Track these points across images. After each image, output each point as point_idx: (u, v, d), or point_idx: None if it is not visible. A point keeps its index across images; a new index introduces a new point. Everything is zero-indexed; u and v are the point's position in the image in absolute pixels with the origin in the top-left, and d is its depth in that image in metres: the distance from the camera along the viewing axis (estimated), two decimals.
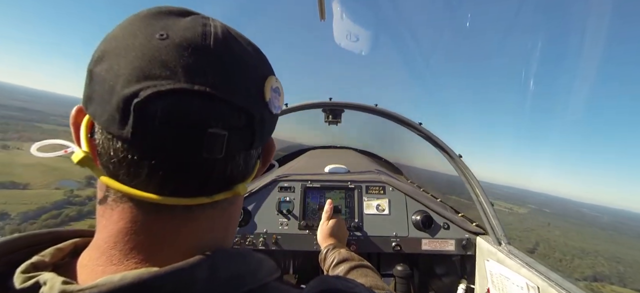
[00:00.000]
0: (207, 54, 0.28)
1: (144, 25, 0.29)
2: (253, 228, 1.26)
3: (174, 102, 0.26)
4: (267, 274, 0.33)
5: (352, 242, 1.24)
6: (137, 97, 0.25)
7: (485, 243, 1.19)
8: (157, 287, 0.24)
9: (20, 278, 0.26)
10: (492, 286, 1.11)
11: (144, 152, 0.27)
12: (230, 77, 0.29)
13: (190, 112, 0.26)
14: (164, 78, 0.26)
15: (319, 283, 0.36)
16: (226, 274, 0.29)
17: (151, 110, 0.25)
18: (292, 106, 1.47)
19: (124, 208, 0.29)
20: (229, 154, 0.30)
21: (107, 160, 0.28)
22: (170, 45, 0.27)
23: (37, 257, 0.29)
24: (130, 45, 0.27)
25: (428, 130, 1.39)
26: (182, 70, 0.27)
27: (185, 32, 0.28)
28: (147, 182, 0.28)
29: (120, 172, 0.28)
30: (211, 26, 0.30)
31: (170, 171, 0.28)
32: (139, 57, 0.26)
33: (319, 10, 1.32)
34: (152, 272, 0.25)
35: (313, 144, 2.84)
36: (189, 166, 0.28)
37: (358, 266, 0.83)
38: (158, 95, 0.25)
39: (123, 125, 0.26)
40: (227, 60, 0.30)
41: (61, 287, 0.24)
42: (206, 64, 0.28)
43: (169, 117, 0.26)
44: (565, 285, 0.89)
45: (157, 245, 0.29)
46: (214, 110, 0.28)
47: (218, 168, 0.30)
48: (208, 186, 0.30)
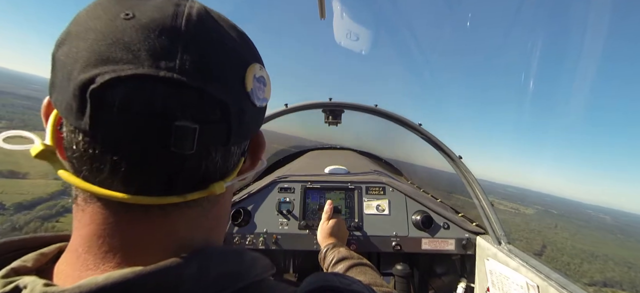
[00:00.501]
0: (177, 36, 0.25)
1: (110, 5, 0.26)
2: (253, 228, 1.26)
3: (135, 88, 0.23)
4: (261, 272, 0.32)
5: (352, 242, 1.24)
6: (93, 83, 0.22)
7: (485, 242, 1.19)
8: (141, 285, 0.24)
9: (0, 283, 0.25)
10: (491, 285, 1.11)
11: (104, 145, 0.24)
12: (204, 62, 0.26)
13: (153, 100, 0.23)
14: (125, 62, 0.23)
15: (316, 279, 0.35)
16: (217, 271, 0.28)
17: (109, 98, 0.23)
18: (291, 106, 1.47)
19: (94, 208, 0.26)
20: (202, 150, 0.27)
21: (71, 154, 0.26)
22: (136, 26, 0.24)
23: (18, 261, 0.28)
24: (91, 27, 0.24)
25: (428, 131, 1.38)
26: (146, 53, 0.24)
27: (154, 12, 0.25)
28: (111, 178, 0.25)
29: (82, 167, 0.25)
30: (185, 6, 0.27)
31: (134, 166, 0.25)
32: (99, 40, 0.24)
33: (319, 9, 1.33)
34: (137, 271, 0.24)
35: (313, 145, 2.84)
36: (154, 161, 0.25)
37: (357, 264, 0.82)
38: (117, 81, 0.23)
39: (81, 115, 0.23)
40: (200, 44, 0.26)
41: (42, 289, 0.23)
42: (175, 47, 0.25)
43: (130, 106, 0.23)
44: (565, 284, 0.88)
45: (132, 248, 0.27)
46: (182, 100, 0.24)
47: (189, 164, 0.27)
48: (178, 184, 0.27)
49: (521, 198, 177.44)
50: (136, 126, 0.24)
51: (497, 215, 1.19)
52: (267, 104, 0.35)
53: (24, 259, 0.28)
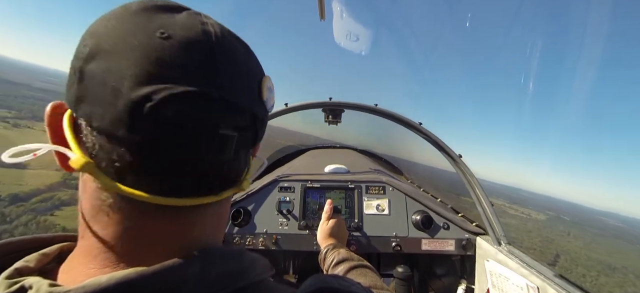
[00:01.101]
0: (213, 55, 0.28)
1: (140, 22, 0.27)
2: (253, 228, 1.26)
3: (188, 104, 0.26)
4: (261, 272, 0.33)
5: (352, 242, 1.23)
6: (150, 100, 0.25)
7: (485, 243, 1.17)
8: (144, 286, 0.24)
9: (5, 283, 0.25)
10: (491, 286, 1.09)
11: (154, 156, 0.26)
12: (236, 78, 0.30)
13: (204, 114, 0.27)
14: (175, 80, 0.26)
15: (315, 281, 0.35)
16: (218, 271, 0.28)
17: (164, 114, 0.25)
18: (292, 106, 1.48)
19: (123, 211, 0.28)
20: (236, 154, 0.31)
21: (108, 163, 0.27)
22: (174, 44, 0.26)
23: (21, 262, 0.28)
24: (129, 43, 0.26)
25: (428, 130, 1.37)
26: (193, 72, 0.27)
27: (186, 31, 0.28)
28: (160, 185, 0.27)
29: (126, 176, 0.27)
30: (209, 25, 0.30)
31: (184, 173, 0.28)
32: (143, 57, 0.25)
33: (319, 9, 1.34)
34: (140, 271, 0.24)
35: (313, 144, 2.84)
36: (202, 167, 0.29)
37: (357, 266, 0.81)
38: (172, 98, 0.25)
39: (132, 129, 0.25)
40: (230, 60, 0.30)
41: (48, 289, 0.24)
42: (214, 64, 0.28)
43: (183, 120, 0.26)
44: (565, 284, 0.86)
45: (154, 246, 0.28)
46: (225, 112, 0.28)
47: (227, 167, 0.31)
48: (216, 185, 0.31)
49: (532, 203, 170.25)
50: (188, 138, 0.27)
51: (498, 215, 1.17)
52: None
53: (26, 260, 0.29)
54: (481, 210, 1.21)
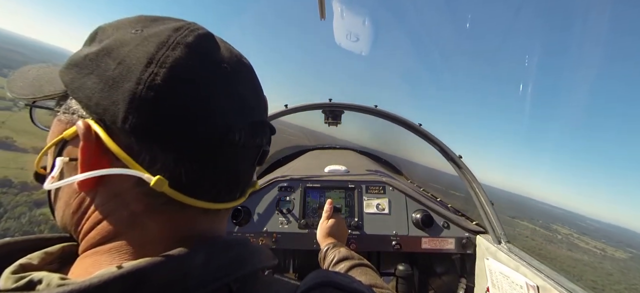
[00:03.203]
0: (257, 83, 0.36)
1: (202, 54, 0.31)
2: (253, 227, 1.26)
3: (252, 131, 0.33)
4: (264, 261, 0.34)
5: (352, 241, 1.24)
6: (232, 132, 0.30)
7: (485, 242, 1.19)
8: (154, 274, 0.25)
9: (11, 278, 0.26)
10: (491, 285, 1.11)
11: (219, 171, 0.31)
12: (264, 99, 0.38)
13: (261, 137, 0.35)
14: (246, 110, 0.33)
15: (317, 275, 0.36)
16: (222, 260, 0.30)
17: (235, 139, 0.31)
18: (292, 107, 1.48)
19: (171, 215, 0.31)
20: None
21: (170, 177, 0.28)
22: (235, 77, 0.32)
23: (24, 259, 0.29)
24: (204, 75, 0.30)
25: (428, 131, 1.39)
26: (253, 103, 0.34)
27: (238, 65, 0.34)
28: (209, 191, 0.31)
29: (182, 186, 0.29)
30: (243, 57, 0.36)
31: (235, 183, 0.34)
32: (219, 88, 0.30)
33: (319, 9, 1.34)
34: (150, 261, 0.25)
35: (312, 145, 2.84)
36: (250, 177, 0.36)
37: (358, 265, 0.82)
38: (246, 128, 0.32)
39: (210, 152, 0.30)
40: (258, 85, 0.37)
41: (58, 282, 0.24)
42: (260, 93, 0.37)
43: (247, 144, 0.32)
44: (564, 283, 0.88)
45: (185, 243, 0.29)
46: (267, 132, 0.37)
47: (252, 176, 0.38)
48: (244, 192, 0.37)
49: (603, 235, 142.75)
50: (245, 157, 0.34)
51: (497, 215, 1.19)
52: None
53: (30, 257, 0.30)
54: (481, 210, 1.24)
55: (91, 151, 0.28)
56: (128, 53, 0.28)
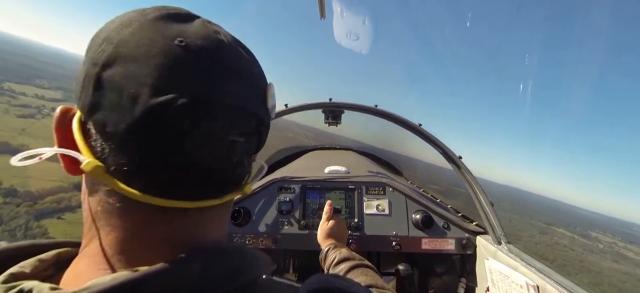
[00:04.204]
0: (227, 63, 0.30)
1: (158, 30, 0.28)
2: (253, 228, 1.27)
3: (202, 112, 0.27)
4: (262, 269, 0.33)
5: (352, 242, 1.24)
6: (166, 107, 0.25)
7: (485, 242, 1.19)
8: (147, 285, 0.24)
9: (2, 288, 0.25)
10: (491, 285, 1.11)
11: (166, 161, 0.27)
12: (244, 85, 0.31)
13: (216, 122, 0.28)
14: (192, 88, 0.26)
15: (317, 280, 0.36)
16: (220, 269, 0.29)
17: (180, 120, 0.26)
18: (292, 107, 1.47)
19: (131, 214, 0.28)
20: (241, 158, 0.32)
21: (118, 167, 0.27)
22: (191, 53, 0.27)
23: (16, 267, 0.28)
24: (149, 51, 0.26)
25: (428, 131, 1.39)
26: (208, 80, 0.27)
27: (202, 41, 0.29)
28: (164, 188, 0.28)
29: (136, 179, 0.27)
30: (222, 34, 0.31)
31: (192, 178, 0.29)
32: (162, 65, 0.26)
33: (319, 8, 1.33)
34: (144, 271, 0.25)
35: (312, 145, 2.83)
36: (211, 171, 0.29)
37: (358, 265, 0.82)
38: (189, 106, 0.26)
39: (148, 135, 0.26)
40: (240, 69, 0.31)
41: (49, 292, 0.24)
42: (227, 73, 0.29)
43: (196, 127, 0.26)
44: (564, 283, 0.89)
45: (161, 247, 0.29)
46: (234, 119, 0.29)
47: (232, 171, 0.32)
48: (221, 188, 0.32)
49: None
50: (200, 144, 0.27)
51: (497, 215, 1.19)
52: None
53: (22, 265, 0.29)
54: (481, 210, 1.24)
55: (60, 135, 0.30)
56: (98, 33, 0.29)
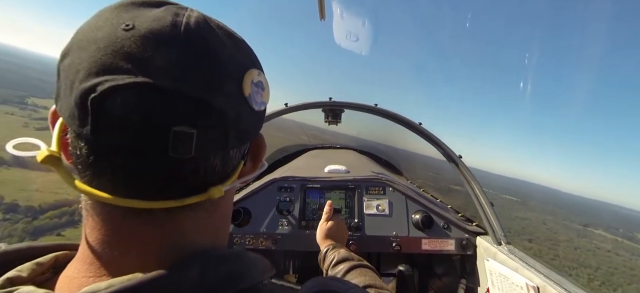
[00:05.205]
0: (175, 46, 0.26)
1: (111, 17, 0.27)
2: (253, 228, 1.26)
3: (134, 97, 0.24)
4: (261, 273, 0.32)
5: (352, 242, 1.24)
6: (94, 91, 0.23)
7: (485, 243, 1.19)
8: (144, 292, 0.24)
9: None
10: (491, 286, 1.11)
11: (104, 151, 0.25)
12: (201, 70, 0.27)
13: (151, 107, 0.24)
14: (124, 71, 0.24)
15: (315, 284, 0.36)
16: (218, 274, 0.28)
17: (109, 106, 0.23)
18: (291, 106, 1.47)
19: (103, 213, 0.27)
20: (201, 154, 0.27)
21: (76, 160, 0.27)
22: (135, 36, 0.25)
23: (13, 271, 0.28)
24: (92, 38, 0.25)
25: (428, 130, 1.39)
26: (144, 62, 0.24)
27: (153, 22, 0.26)
28: (112, 183, 0.26)
29: (86, 172, 0.26)
30: (184, 16, 0.28)
31: (133, 172, 0.26)
32: (100, 50, 0.25)
33: (319, 10, 1.33)
34: (139, 278, 0.24)
35: (313, 144, 2.83)
36: (153, 166, 0.26)
37: (357, 266, 0.82)
38: (116, 90, 0.23)
39: (83, 123, 0.24)
40: (198, 53, 0.27)
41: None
42: (172, 56, 0.26)
43: (128, 113, 0.24)
44: (565, 284, 0.88)
45: (144, 251, 0.28)
46: (180, 106, 0.25)
47: (188, 169, 0.27)
48: (178, 188, 0.28)
49: None
50: (135, 133, 0.24)
51: (497, 215, 1.19)
52: (266, 107, 0.35)
53: (19, 269, 0.28)
54: (481, 210, 1.23)
55: (52, 126, 0.30)
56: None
